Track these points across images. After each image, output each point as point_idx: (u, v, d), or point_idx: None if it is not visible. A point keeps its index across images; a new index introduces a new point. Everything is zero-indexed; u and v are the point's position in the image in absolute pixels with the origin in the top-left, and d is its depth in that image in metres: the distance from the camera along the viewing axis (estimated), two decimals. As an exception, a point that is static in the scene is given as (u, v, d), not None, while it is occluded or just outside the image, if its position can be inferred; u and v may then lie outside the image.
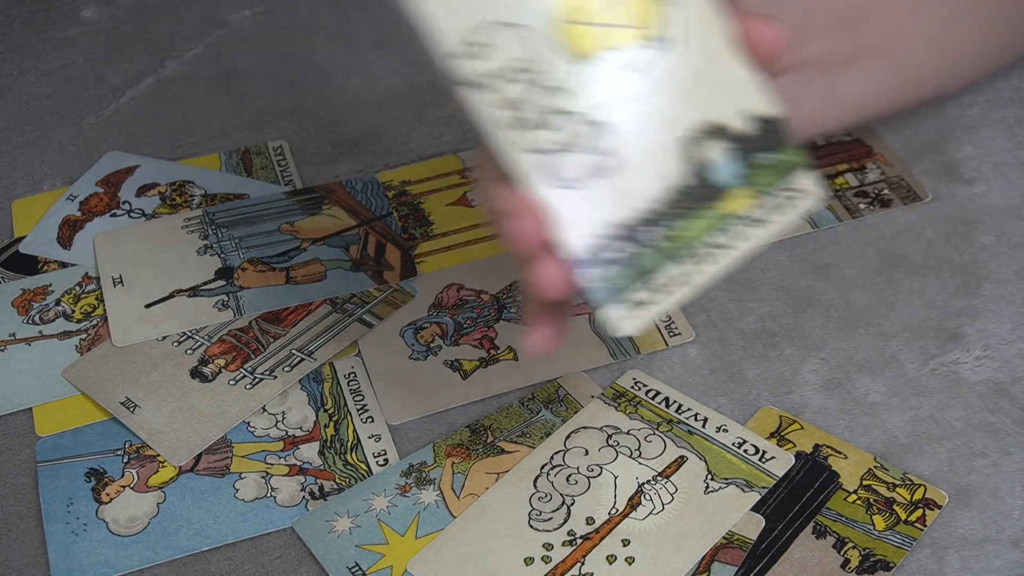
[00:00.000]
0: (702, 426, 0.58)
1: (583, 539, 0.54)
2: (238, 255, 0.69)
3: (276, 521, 0.57)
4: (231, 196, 0.73)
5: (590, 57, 0.45)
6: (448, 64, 0.43)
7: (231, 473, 0.59)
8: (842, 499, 0.55)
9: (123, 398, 0.62)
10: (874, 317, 0.63)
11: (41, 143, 0.79)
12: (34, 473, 0.60)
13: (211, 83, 0.83)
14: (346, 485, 0.58)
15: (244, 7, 0.89)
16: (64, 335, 0.66)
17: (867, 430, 0.58)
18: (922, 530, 0.54)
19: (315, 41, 0.86)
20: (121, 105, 0.82)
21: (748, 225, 0.46)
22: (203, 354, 0.64)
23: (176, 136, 0.79)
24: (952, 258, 0.65)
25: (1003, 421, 0.58)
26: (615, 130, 0.45)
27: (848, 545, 0.54)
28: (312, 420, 0.61)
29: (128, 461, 0.59)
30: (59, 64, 0.86)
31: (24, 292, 0.68)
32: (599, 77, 0.45)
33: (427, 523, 0.56)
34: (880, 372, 0.61)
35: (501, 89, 0.44)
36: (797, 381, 0.61)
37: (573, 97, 0.44)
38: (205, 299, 0.66)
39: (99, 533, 0.57)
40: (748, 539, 0.54)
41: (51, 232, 0.72)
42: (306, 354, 0.63)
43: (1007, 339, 0.62)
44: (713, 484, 0.56)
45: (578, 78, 0.44)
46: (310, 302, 0.66)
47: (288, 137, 0.77)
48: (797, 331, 0.63)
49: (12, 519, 0.58)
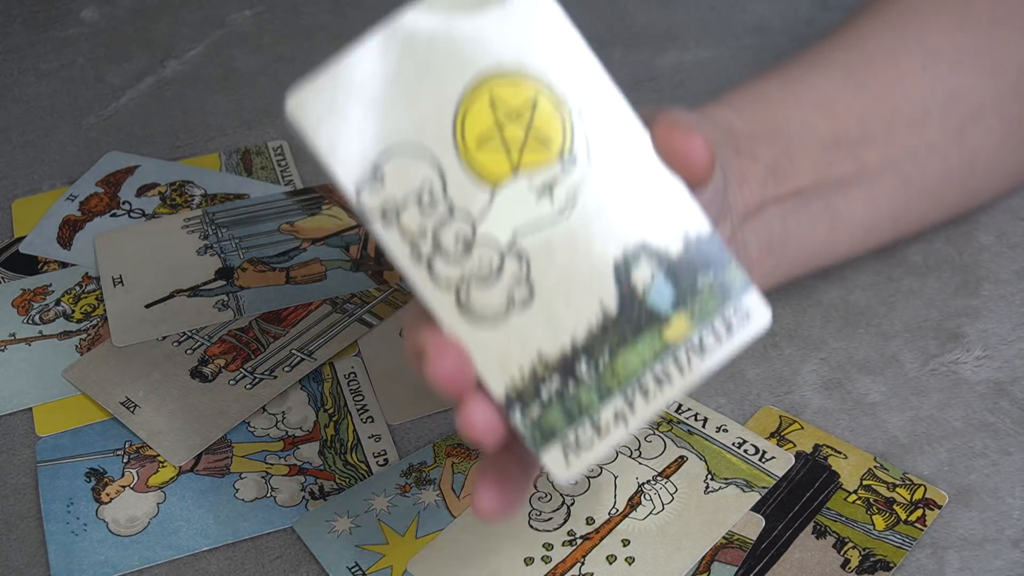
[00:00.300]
0: (702, 426, 0.58)
1: (583, 539, 0.54)
2: (238, 255, 0.69)
3: (276, 521, 0.57)
4: (231, 196, 0.73)
5: (500, 181, 0.42)
6: (354, 199, 0.41)
7: (231, 473, 0.59)
8: (842, 499, 0.55)
9: (123, 398, 0.62)
10: (874, 317, 0.63)
11: (41, 143, 0.79)
12: (34, 473, 0.60)
13: (211, 83, 0.83)
14: (346, 485, 0.58)
15: (244, 7, 0.89)
16: (64, 335, 0.66)
17: (867, 430, 0.58)
18: (922, 530, 0.54)
19: (315, 41, 0.86)
20: (121, 105, 0.82)
21: (691, 353, 0.42)
22: (203, 354, 0.64)
23: (176, 136, 0.79)
24: (952, 258, 0.65)
25: (1003, 421, 0.58)
26: (533, 257, 0.42)
27: (848, 545, 0.54)
28: (312, 420, 0.61)
29: (128, 461, 0.59)
30: (59, 64, 0.86)
31: (24, 292, 0.68)
32: (512, 201, 0.42)
33: (427, 523, 0.56)
34: (880, 372, 0.61)
35: (409, 221, 0.41)
36: (797, 381, 0.61)
37: (485, 224, 0.42)
38: (205, 299, 0.66)
39: (99, 533, 0.57)
40: (748, 539, 0.54)
41: (51, 232, 0.72)
42: (306, 354, 0.63)
43: (1007, 339, 0.62)
44: (713, 484, 0.56)
45: (490, 204, 0.42)
46: (310, 302, 0.66)
47: (288, 137, 0.77)
48: (797, 331, 0.63)
49: (12, 519, 0.58)
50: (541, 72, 0.42)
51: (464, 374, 0.41)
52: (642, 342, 0.42)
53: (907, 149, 0.58)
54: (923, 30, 0.60)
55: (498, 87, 0.42)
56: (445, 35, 0.42)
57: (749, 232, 0.55)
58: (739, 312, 0.43)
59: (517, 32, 0.42)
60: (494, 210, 0.42)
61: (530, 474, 0.45)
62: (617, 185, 0.42)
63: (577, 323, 0.42)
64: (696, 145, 0.43)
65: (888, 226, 0.61)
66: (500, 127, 0.42)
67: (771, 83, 0.59)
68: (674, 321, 0.42)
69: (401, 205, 0.41)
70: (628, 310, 0.42)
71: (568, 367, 0.42)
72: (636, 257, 0.42)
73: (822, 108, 0.58)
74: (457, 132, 0.42)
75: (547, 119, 0.42)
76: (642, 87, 0.79)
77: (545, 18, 0.42)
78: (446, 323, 0.42)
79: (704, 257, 0.43)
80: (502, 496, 0.43)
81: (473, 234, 0.42)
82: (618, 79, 0.44)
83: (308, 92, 0.42)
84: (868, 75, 0.58)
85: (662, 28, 0.84)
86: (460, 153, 0.42)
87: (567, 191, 0.42)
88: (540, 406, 0.42)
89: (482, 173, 0.42)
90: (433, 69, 0.42)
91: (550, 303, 0.42)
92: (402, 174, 0.41)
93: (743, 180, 0.54)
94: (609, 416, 0.42)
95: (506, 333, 0.42)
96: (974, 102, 0.59)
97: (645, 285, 0.42)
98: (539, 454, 0.42)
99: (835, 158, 0.57)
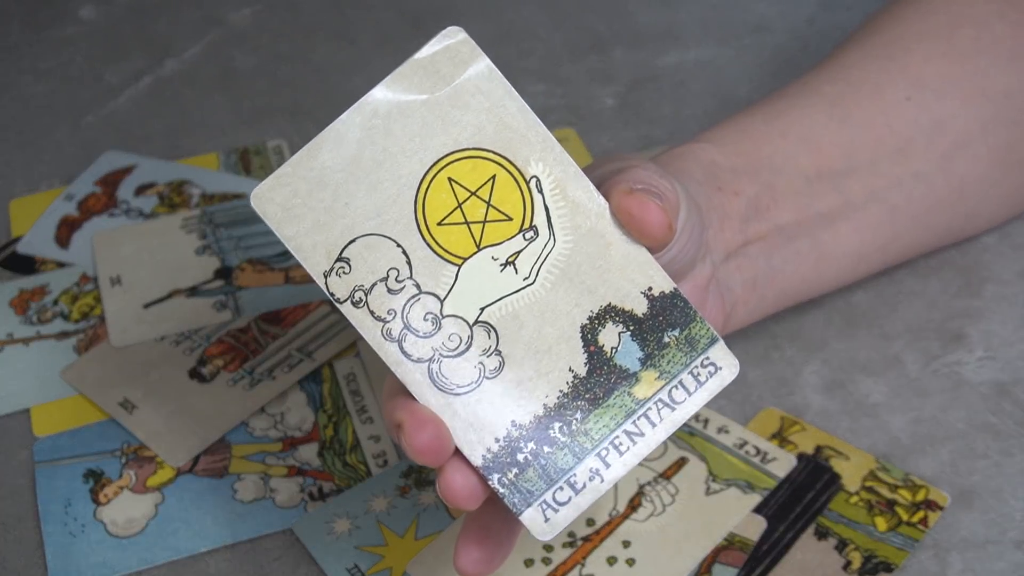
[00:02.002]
0: (703, 427, 0.58)
1: (583, 541, 0.54)
2: (237, 255, 0.69)
3: (275, 522, 0.56)
4: (230, 196, 0.73)
5: (465, 257, 0.44)
6: (323, 284, 0.43)
7: (230, 474, 0.59)
8: (844, 500, 0.55)
9: (121, 399, 0.62)
10: (876, 318, 0.63)
11: (39, 142, 0.79)
12: (32, 474, 0.59)
13: (210, 82, 0.83)
14: (345, 486, 0.58)
15: (243, 6, 0.89)
16: (62, 335, 0.65)
17: (869, 431, 0.58)
18: (924, 532, 0.54)
19: (314, 40, 0.86)
20: (119, 104, 0.82)
21: (663, 408, 0.44)
22: (202, 354, 0.63)
23: (175, 135, 0.79)
24: (954, 259, 0.65)
25: (1005, 422, 0.58)
26: (502, 327, 0.43)
27: (850, 547, 0.54)
28: (311, 421, 0.61)
29: (126, 462, 0.59)
30: (57, 63, 0.85)
31: (22, 292, 0.68)
32: (477, 276, 0.44)
33: (427, 524, 0.56)
34: (882, 373, 0.61)
35: (378, 301, 0.43)
36: (799, 382, 0.61)
37: (453, 300, 0.43)
38: (204, 299, 0.66)
39: (97, 534, 0.56)
40: (749, 541, 0.54)
41: (49, 232, 0.72)
42: (305, 355, 0.63)
43: (1009, 340, 0.61)
44: (714, 485, 0.56)
45: (456, 280, 0.43)
46: (309, 302, 0.66)
47: (287, 136, 0.77)
48: (799, 332, 0.63)
49: (10, 520, 0.58)
50: (498, 148, 0.44)
51: (442, 445, 0.42)
52: (613, 401, 0.44)
53: (892, 179, 0.59)
54: (907, 60, 0.60)
55: (457, 166, 0.44)
56: (403, 117, 0.43)
57: (733, 270, 0.55)
58: (706, 365, 0.44)
59: (472, 110, 0.44)
60: (460, 285, 0.44)
61: (514, 530, 0.46)
62: (579, 252, 0.44)
63: (548, 387, 0.44)
64: (652, 212, 0.44)
65: (877, 255, 0.61)
66: (461, 205, 0.44)
67: (755, 117, 0.59)
68: (643, 378, 0.44)
69: (368, 288, 0.43)
70: (597, 371, 0.44)
71: (542, 431, 0.43)
72: (602, 320, 0.44)
73: (806, 142, 0.58)
74: (419, 213, 0.44)
75: (506, 194, 0.44)
76: (643, 87, 0.79)
77: (497, 95, 0.44)
78: (420, 396, 0.43)
79: (669, 315, 0.44)
80: (483, 555, 0.45)
81: (441, 310, 0.44)
82: (619, 78, 0.44)
83: (271, 185, 0.43)
84: (852, 106, 0.59)
85: (663, 27, 0.84)
86: (423, 233, 0.44)
87: (530, 262, 0.44)
88: (517, 469, 0.43)
89: (446, 251, 0.44)
90: (393, 152, 0.43)
91: (520, 370, 0.44)
92: (368, 259, 0.43)
93: (725, 218, 0.54)
94: (585, 474, 0.43)
95: (479, 401, 0.43)
96: (960, 130, 0.59)
97: (612, 346, 0.44)
98: (519, 514, 0.43)
99: (819, 191, 0.57)
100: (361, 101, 0.43)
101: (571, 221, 0.44)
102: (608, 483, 0.43)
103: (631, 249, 0.44)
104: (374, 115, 0.43)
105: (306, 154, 0.43)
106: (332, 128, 0.43)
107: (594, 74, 0.80)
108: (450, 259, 0.44)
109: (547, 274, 0.44)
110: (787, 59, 0.80)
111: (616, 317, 0.44)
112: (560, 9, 0.87)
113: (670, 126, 0.76)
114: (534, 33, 0.84)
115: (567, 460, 0.43)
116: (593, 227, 0.44)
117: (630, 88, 0.79)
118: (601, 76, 0.80)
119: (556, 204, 0.44)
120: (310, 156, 0.43)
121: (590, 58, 0.82)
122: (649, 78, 0.80)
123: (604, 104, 0.78)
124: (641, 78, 0.80)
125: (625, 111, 0.77)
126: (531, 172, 0.44)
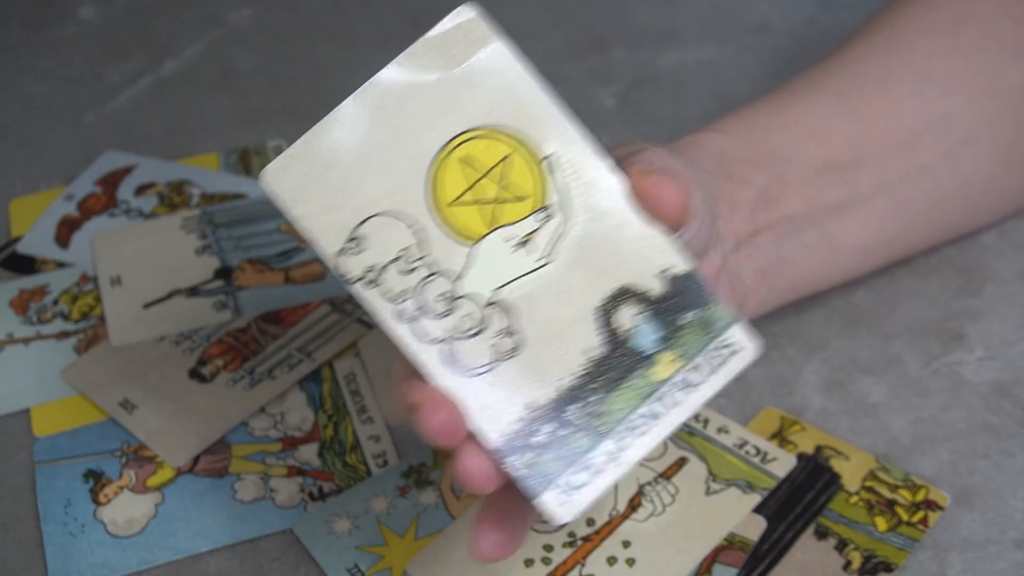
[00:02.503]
0: (703, 427, 0.58)
1: (583, 540, 0.54)
2: (237, 255, 0.69)
3: (275, 522, 0.56)
4: (230, 196, 0.73)
5: (478, 237, 0.43)
6: (335, 263, 0.42)
7: (230, 474, 0.59)
8: (844, 500, 0.55)
9: (121, 399, 0.62)
10: (876, 317, 0.63)
11: (39, 142, 0.79)
12: (32, 474, 0.59)
13: (210, 82, 0.83)
14: (345, 486, 0.58)
15: (243, 6, 0.89)
16: (62, 335, 0.65)
17: (869, 431, 0.58)
18: (924, 532, 0.54)
19: (314, 40, 0.86)
20: (119, 104, 0.82)
21: (681, 390, 0.43)
22: (202, 354, 0.63)
23: (174, 135, 0.79)
24: (954, 258, 0.65)
25: (1005, 422, 0.58)
26: (516, 308, 0.43)
27: (850, 547, 0.54)
28: (311, 421, 0.61)
29: (126, 462, 0.59)
30: (57, 63, 0.85)
31: (22, 292, 0.68)
32: (491, 256, 0.43)
33: (427, 524, 0.56)
34: (882, 373, 0.61)
35: (391, 282, 0.42)
36: (799, 382, 0.61)
37: (466, 280, 0.43)
38: (204, 299, 0.66)
39: (97, 534, 0.56)
40: (749, 541, 0.54)
41: (49, 232, 0.72)
42: (305, 355, 0.63)
43: (1009, 340, 0.61)
44: (714, 485, 0.56)
45: (469, 260, 0.43)
46: (309, 302, 0.66)
47: (287, 136, 0.77)
48: (799, 331, 0.63)
49: (10, 520, 0.58)
50: (511, 128, 0.43)
51: (457, 426, 0.42)
52: (630, 383, 0.43)
53: (899, 173, 0.59)
54: (912, 55, 0.60)
55: (470, 145, 0.43)
56: (414, 97, 0.43)
57: (743, 259, 0.55)
58: (725, 346, 0.44)
59: (484, 90, 0.43)
60: (474, 266, 0.43)
61: (528, 515, 0.46)
62: (594, 233, 0.44)
63: (564, 369, 0.43)
64: (669, 192, 0.43)
65: (884, 249, 0.61)
66: (474, 185, 0.43)
67: (763, 109, 0.59)
68: (660, 360, 0.43)
69: (381, 268, 0.43)
70: (614, 353, 0.43)
71: (558, 413, 0.43)
72: (617, 301, 0.43)
73: (814, 133, 0.58)
74: (432, 193, 0.43)
75: (520, 174, 0.43)
76: (643, 86, 0.79)
77: (510, 74, 0.44)
78: (433, 378, 0.43)
79: (686, 296, 0.44)
80: (502, 538, 0.44)
81: (454, 291, 0.43)
82: (619, 78, 0.44)
83: (282, 164, 0.43)
84: (858, 100, 0.59)
85: (663, 27, 0.84)
86: (436, 213, 0.43)
87: (545, 242, 0.43)
88: (533, 452, 0.42)
89: (459, 231, 0.43)
90: (405, 132, 0.43)
91: (536, 352, 0.43)
92: (380, 238, 0.43)
93: (735, 206, 0.54)
94: (602, 457, 0.43)
95: (494, 383, 0.43)
96: (966, 125, 0.59)
97: (629, 328, 0.43)
98: (535, 498, 0.42)
99: (827, 183, 0.57)
100: (372, 80, 0.43)
101: (585, 201, 0.44)
102: (626, 465, 0.43)
103: (646, 230, 0.44)
104: (386, 94, 0.43)
105: (317, 133, 0.43)
106: (343, 107, 0.43)
107: (594, 74, 0.80)
108: (463, 239, 0.43)
109: (562, 255, 0.43)
110: (787, 59, 0.80)
111: (632, 298, 0.43)
112: (560, 9, 0.87)
113: (670, 126, 0.76)
114: (534, 33, 0.84)
115: (584, 443, 0.43)
116: (608, 207, 0.44)
117: (630, 88, 0.79)
118: (601, 76, 0.80)
119: (570, 184, 0.44)
120: (321, 135, 0.43)
121: (590, 58, 0.82)
122: (649, 78, 0.80)
123: (604, 104, 0.78)
124: (641, 78, 0.80)
125: (625, 111, 0.77)
126: (545, 152, 0.44)
